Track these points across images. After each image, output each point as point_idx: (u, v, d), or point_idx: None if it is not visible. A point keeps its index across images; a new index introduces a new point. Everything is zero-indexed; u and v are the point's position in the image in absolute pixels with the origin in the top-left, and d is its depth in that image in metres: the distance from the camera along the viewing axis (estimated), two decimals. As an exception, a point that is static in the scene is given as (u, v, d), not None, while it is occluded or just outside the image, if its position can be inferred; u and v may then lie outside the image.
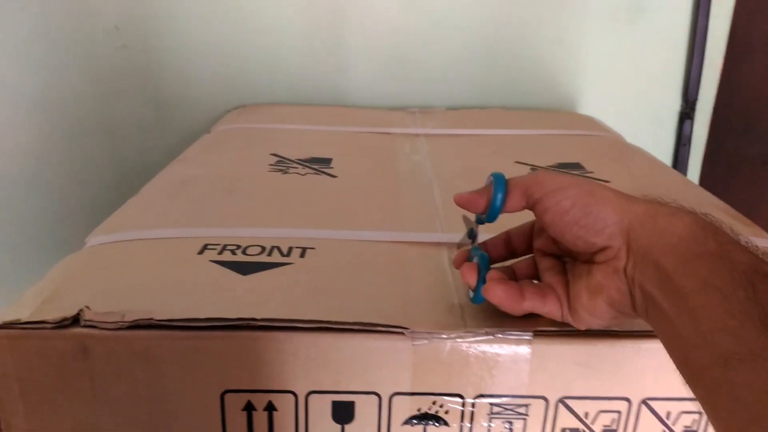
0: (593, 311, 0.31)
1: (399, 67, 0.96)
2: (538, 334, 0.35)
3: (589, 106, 1.00)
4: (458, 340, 0.35)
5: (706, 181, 1.05)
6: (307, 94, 0.96)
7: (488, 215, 0.35)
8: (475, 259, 0.36)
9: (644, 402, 0.36)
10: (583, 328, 0.34)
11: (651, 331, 0.35)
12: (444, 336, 0.35)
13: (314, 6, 0.92)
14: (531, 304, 0.33)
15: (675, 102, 1.02)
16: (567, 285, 0.34)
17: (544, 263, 0.36)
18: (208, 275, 0.40)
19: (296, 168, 0.63)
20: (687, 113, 1.01)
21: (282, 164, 0.64)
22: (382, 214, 0.52)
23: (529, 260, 0.37)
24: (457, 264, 0.37)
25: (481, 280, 0.35)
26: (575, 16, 0.95)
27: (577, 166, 0.66)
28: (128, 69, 0.94)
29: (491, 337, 0.35)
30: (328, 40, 0.94)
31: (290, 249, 0.44)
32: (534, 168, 0.65)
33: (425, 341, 0.35)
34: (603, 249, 0.30)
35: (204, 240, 0.45)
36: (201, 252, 0.43)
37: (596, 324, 0.33)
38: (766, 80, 0.99)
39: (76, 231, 0.95)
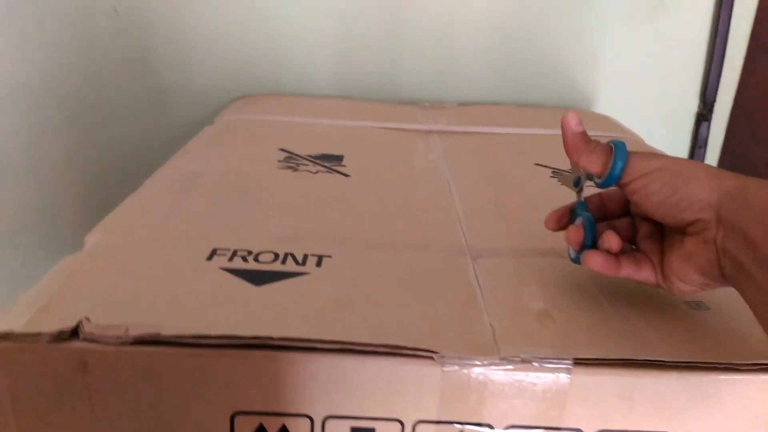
0: (684, 278, 0.33)
1: (411, 59, 0.92)
2: (578, 362, 0.33)
3: (605, 106, 0.97)
4: (492, 367, 0.32)
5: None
6: (312, 84, 0.92)
7: (604, 182, 0.35)
8: (579, 220, 0.37)
9: (688, 437, 0.33)
10: (676, 294, 0.35)
11: (698, 363, 0.33)
12: (477, 362, 0.32)
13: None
14: (626, 272, 0.35)
15: (692, 103, 0.99)
16: (662, 252, 0.35)
17: (643, 230, 0.37)
18: (219, 285, 0.37)
19: (306, 165, 0.60)
20: (704, 115, 0.99)
21: (291, 160, 0.61)
22: (401, 220, 0.49)
23: (628, 222, 0.38)
24: (551, 222, 0.39)
25: (585, 243, 0.35)
26: (594, 11, 0.91)
27: (599, 170, 0.63)
28: (127, 54, 0.90)
29: (528, 364, 0.32)
30: (336, 27, 0.90)
31: (305, 257, 0.41)
32: (556, 171, 0.62)
33: (456, 367, 0.32)
34: (693, 222, 0.32)
35: (213, 243, 0.42)
36: (210, 257, 0.40)
37: (687, 290, 0.34)
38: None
39: (73, 225, 0.92)
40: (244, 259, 0.40)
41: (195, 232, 0.44)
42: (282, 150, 0.64)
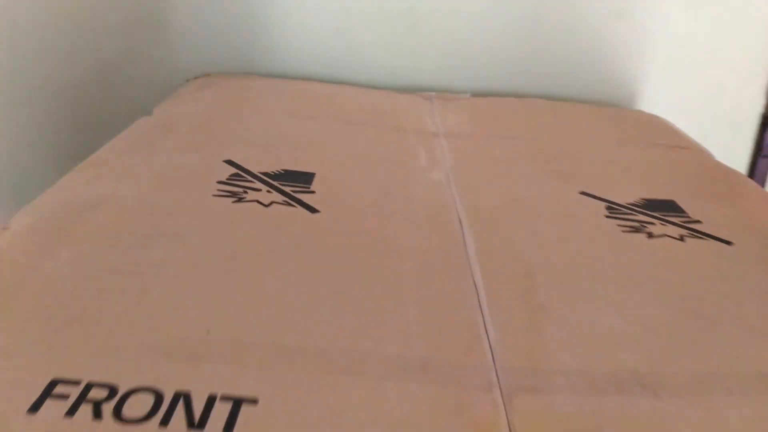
0: None
1: (412, 35, 0.73)
2: None
3: (652, 102, 0.78)
4: None
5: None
6: (290, 63, 0.73)
7: None
8: None
9: None
10: None
11: None
12: None
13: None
14: None
15: (757, 101, 0.80)
16: None
17: None
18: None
19: (258, 190, 0.42)
20: (772, 117, 0.80)
21: (238, 181, 0.43)
22: (389, 307, 0.30)
23: None
24: None
25: None
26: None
27: (671, 206, 0.45)
28: (59, 17, 0.71)
29: None
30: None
31: (211, 402, 0.23)
32: (612, 207, 0.44)
33: None
34: None
35: (54, 366, 0.24)
36: (38, 404, 0.22)
37: None
38: None
39: None
40: (97, 408, 0.22)
41: (34, 339, 0.26)
42: (228, 163, 0.46)
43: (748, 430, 0.24)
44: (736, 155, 0.82)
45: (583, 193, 0.46)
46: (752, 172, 0.83)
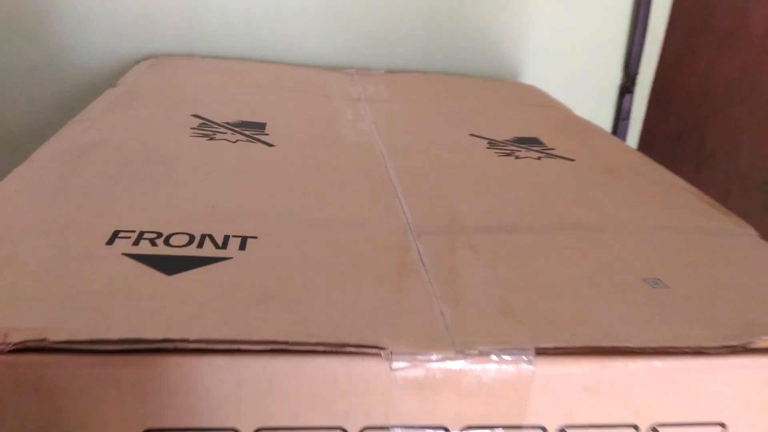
0: None
1: (335, 23, 0.87)
2: (541, 352, 0.29)
3: (532, 76, 0.95)
4: (447, 362, 0.28)
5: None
6: (228, 47, 0.85)
7: None
8: None
9: (654, 429, 0.31)
10: None
11: (666, 348, 0.30)
12: (430, 357, 0.28)
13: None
14: None
15: (616, 75, 0.99)
16: None
17: None
18: (121, 275, 0.31)
19: (224, 133, 0.54)
20: (627, 87, 0.99)
21: (207, 128, 0.54)
22: (334, 195, 0.44)
23: None
24: None
25: None
26: (524, -22, 0.89)
27: (535, 141, 0.61)
28: (12, 6, 0.79)
29: (486, 357, 0.29)
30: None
31: (227, 239, 0.35)
32: (491, 142, 0.59)
33: (406, 364, 0.28)
34: None
35: (114, 224, 0.36)
36: (110, 242, 0.34)
37: None
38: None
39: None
40: (153, 242, 0.34)
41: (92, 212, 0.37)
42: (195, 116, 0.57)
43: (558, 251, 0.39)
44: (602, 119, 1.01)
45: (471, 134, 0.61)
46: (615, 132, 1.01)
